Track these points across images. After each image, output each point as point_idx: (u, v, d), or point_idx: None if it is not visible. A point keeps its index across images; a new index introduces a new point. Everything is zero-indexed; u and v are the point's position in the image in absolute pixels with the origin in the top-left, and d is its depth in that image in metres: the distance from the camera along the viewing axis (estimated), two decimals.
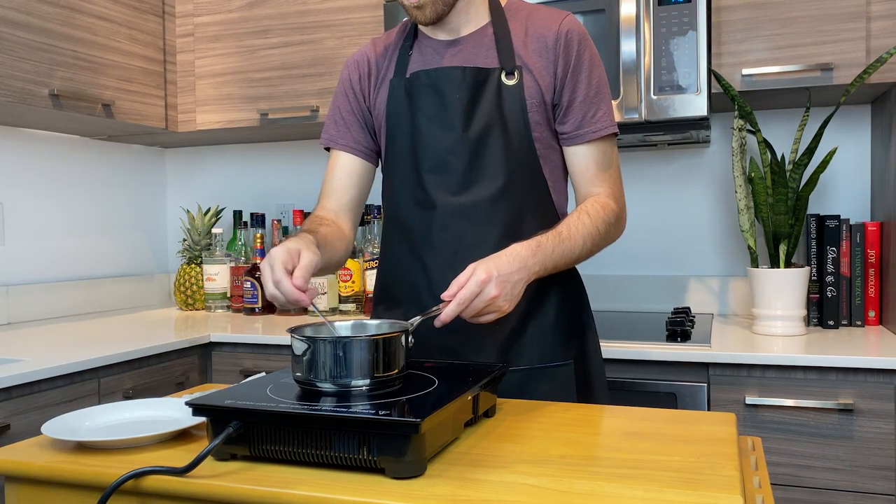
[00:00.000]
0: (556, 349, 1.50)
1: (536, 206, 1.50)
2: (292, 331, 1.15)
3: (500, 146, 1.46)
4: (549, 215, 1.51)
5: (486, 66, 1.48)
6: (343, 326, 1.26)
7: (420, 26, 1.57)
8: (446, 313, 1.25)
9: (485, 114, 1.46)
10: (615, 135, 1.53)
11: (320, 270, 1.47)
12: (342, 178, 1.61)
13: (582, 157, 1.51)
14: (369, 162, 1.62)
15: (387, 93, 1.54)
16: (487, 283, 1.26)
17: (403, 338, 1.15)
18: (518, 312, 1.47)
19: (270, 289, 1.23)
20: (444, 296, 1.26)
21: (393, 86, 1.53)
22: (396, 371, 1.13)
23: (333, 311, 2.71)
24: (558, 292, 1.53)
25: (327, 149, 1.64)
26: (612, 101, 2.11)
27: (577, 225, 1.42)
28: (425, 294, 1.48)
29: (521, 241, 1.36)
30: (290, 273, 1.24)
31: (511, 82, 1.46)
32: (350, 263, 2.67)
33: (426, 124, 1.49)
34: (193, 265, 2.95)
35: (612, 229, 1.49)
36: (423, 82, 1.49)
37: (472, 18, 1.52)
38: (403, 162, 1.52)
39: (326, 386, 1.09)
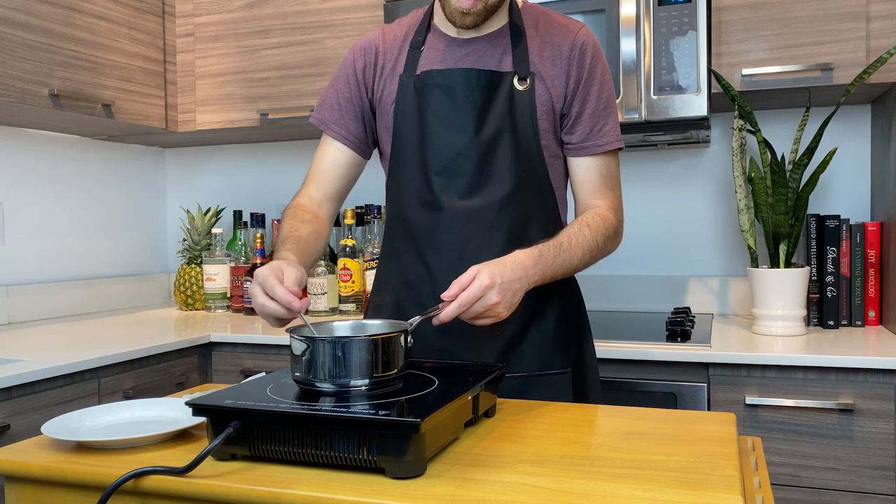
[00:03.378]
0: (555, 357, 1.50)
1: (541, 214, 1.50)
2: (292, 331, 1.15)
3: (510, 151, 1.46)
4: (554, 223, 1.52)
5: (499, 70, 1.47)
6: (342, 326, 1.26)
7: (436, 20, 1.55)
8: (446, 313, 1.25)
9: (496, 118, 1.46)
10: (619, 149, 1.53)
11: None
12: (330, 167, 1.59)
13: (586, 169, 1.51)
14: (359, 155, 1.60)
15: (395, 88, 1.52)
16: (490, 288, 1.26)
17: (402, 338, 1.15)
18: (519, 318, 1.47)
19: (261, 300, 1.22)
20: (445, 296, 1.26)
21: (403, 82, 1.51)
22: (396, 371, 1.13)
23: (333, 311, 2.71)
24: (559, 300, 1.53)
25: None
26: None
27: (577, 236, 1.42)
28: (427, 295, 1.48)
29: (524, 247, 1.37)
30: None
31: (523, 88, 1.46)
32: (350, 263, 2.67)
33: (437, 124, 1.48)
34: (193, 265, 2.95)
35: (610, 243, 1.49)
36: (435, 81, 1.48)
37: (495, 20, 1.51)
38: (411, 161, 1.51)
39: (326, 386, 1.09)
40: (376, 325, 1.26)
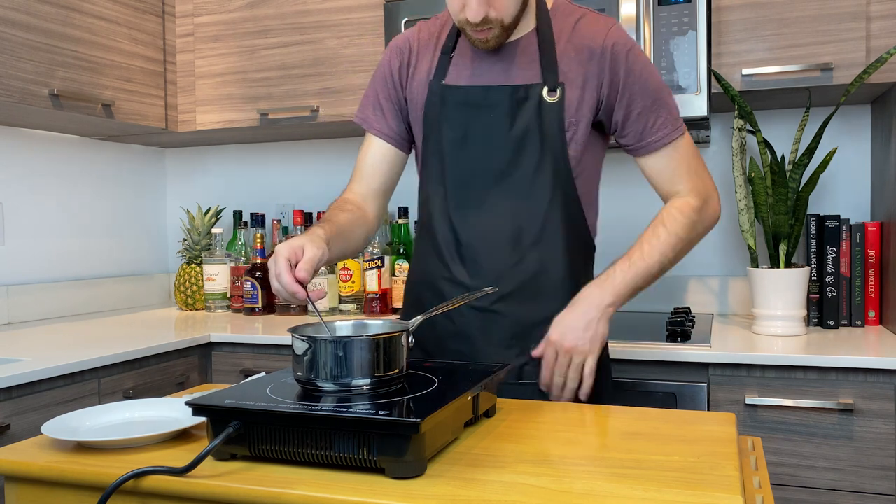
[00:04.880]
0: None
1: (567, 227, 1.48)
2: (293, 330, 1.15)
3: (533, 167, 1.45)
4: (581, 235, 1.51)
5: (528, 82, 1.45)
6: (344, 326, 1.26)
7: None
8: (542, 378, 1.40)
9: (519, 134, 1.44)
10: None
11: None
12: (373, 164, 1.61)
13: (652, 165, 1.50)
14: (401, 150, 1.62)
15: (426, 91, 1.52)
16: (553, 345, 1.38)
17: (404, 337, 1.15)
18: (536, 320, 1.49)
19: (273, 283, 1.27)
20: (534, 353, 1.40)
21: (431, 90, 1.51)
22: (397, 371, 1.13)
23: (333, 311, 2.71)
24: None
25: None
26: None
27: (650, 242, 1.44)
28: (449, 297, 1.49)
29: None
30: (294, 266, 1.26)
31: (552, 99, 1.43)
32: (350, 263, 2.67)
33: (455, 140, 1.48)
34: (193, 265, 2.94)
35: (698, 226, 1.49)
36: (456, 98, 1.47)
37: (522, 26, 1.48)
38: (434, 171, 1.52)
39: (327, 386, 1.09)
40: (378, 325, 1.26)
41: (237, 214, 3.04)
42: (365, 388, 1.09)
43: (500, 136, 1.45)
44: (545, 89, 1.44)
